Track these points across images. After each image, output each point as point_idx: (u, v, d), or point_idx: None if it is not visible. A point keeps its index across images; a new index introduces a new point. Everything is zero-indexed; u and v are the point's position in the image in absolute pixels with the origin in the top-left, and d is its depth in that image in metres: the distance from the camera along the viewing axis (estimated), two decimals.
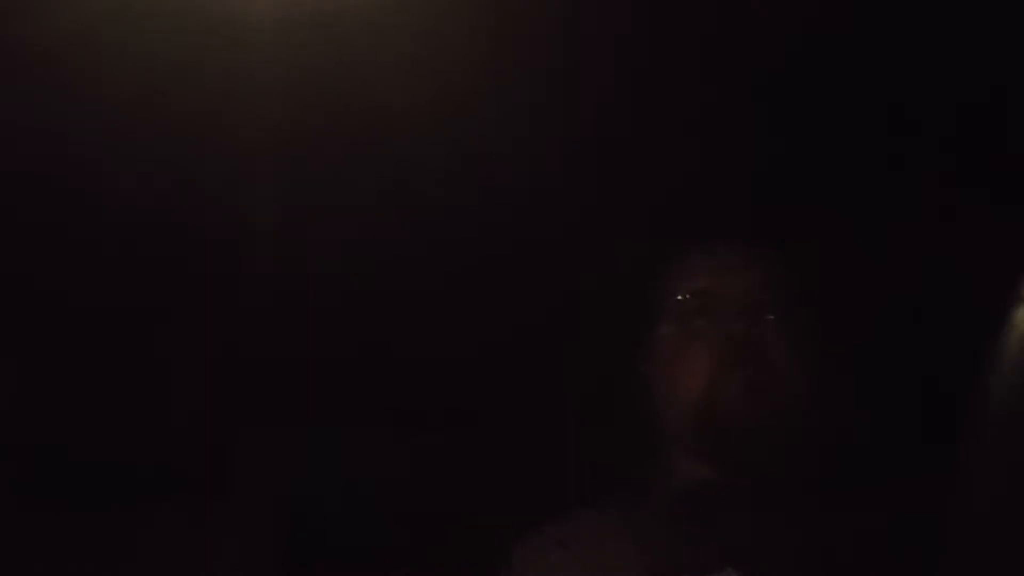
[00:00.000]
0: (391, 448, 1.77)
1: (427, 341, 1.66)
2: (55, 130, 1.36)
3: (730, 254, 1.10)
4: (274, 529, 1.77)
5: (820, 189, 1.40)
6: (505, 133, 1.35)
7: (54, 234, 1.53)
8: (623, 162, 1.45)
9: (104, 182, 1.45)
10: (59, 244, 1.54)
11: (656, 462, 1.11)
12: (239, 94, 1.29)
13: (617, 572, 1.01)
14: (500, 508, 1.54)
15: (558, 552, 1.04)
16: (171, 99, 1.30)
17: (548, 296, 1.52)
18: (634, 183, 1.44)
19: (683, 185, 1.39)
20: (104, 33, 1.20)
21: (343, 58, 1.27)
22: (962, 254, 1.42)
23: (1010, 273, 1.25)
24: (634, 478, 1.13)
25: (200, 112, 1.32)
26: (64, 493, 1.70)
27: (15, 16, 1.16)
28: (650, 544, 1.02)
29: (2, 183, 1.45)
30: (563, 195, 1.45)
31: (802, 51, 1.32)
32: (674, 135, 1.41)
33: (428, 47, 1.25)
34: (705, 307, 1.07)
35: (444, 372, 1.67)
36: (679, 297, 1.09)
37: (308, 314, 1.66)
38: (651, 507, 1.07)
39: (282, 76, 1.28)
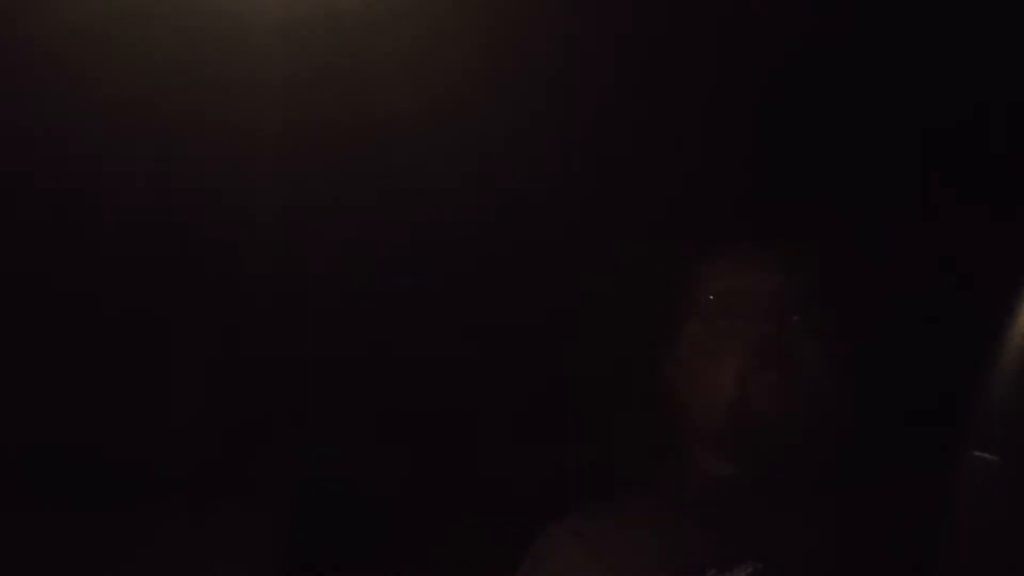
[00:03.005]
0: (392, 448, 1.77)
1: (437, 340, 1.66)
2: (55, 130, 1.36)
3: (758, 255, 1.11)
4: (274, 529, 1.77)
5: (842, 191, 1.41)
6: (512, 133, 1.35)
7: (54, 234, 1.53)
8: (648, 161, 1.44)
9: (104, 182, 1.45)
10: (58, 244, 1.54)
11: (678, 458, 1.12)
12: (239, 94, 1.29)
13: (636, 566, 1.01)
14: (509, 506, 1.54)
15: (576, 544, 1.04)
16: (171, 99, 1.30)
17: (573, 295, 1.51)
18: (660, 183, 1.44)
19: (710, 186, 1.39)
20: (104, 33, 1.20)
21: (344, 58, 1.27)
22: (963, 254, 1.42)
23: (1011, 273, 1.25)
24: (655, 474, 1.13)
25: (200, 112, 1.32)
26: (64, 493, 1.70)
27: (16, 16, 1.16)
28: (670, 539, 1.02)
29: (1, 183, 1.45)
30: (585, 195, 1.45)
31: (817, 51, 1.32)
32: (702, 134, 1.41)
33: (430, 47, 1.25)
34: (733, 307, 1.07)
35: (454, 369, 1.67)
36: (707, 297, 1.10)
37: (308, 314, 1.66)
38: (672, 502, 1.08)
39: (283, 76, 1.28)
